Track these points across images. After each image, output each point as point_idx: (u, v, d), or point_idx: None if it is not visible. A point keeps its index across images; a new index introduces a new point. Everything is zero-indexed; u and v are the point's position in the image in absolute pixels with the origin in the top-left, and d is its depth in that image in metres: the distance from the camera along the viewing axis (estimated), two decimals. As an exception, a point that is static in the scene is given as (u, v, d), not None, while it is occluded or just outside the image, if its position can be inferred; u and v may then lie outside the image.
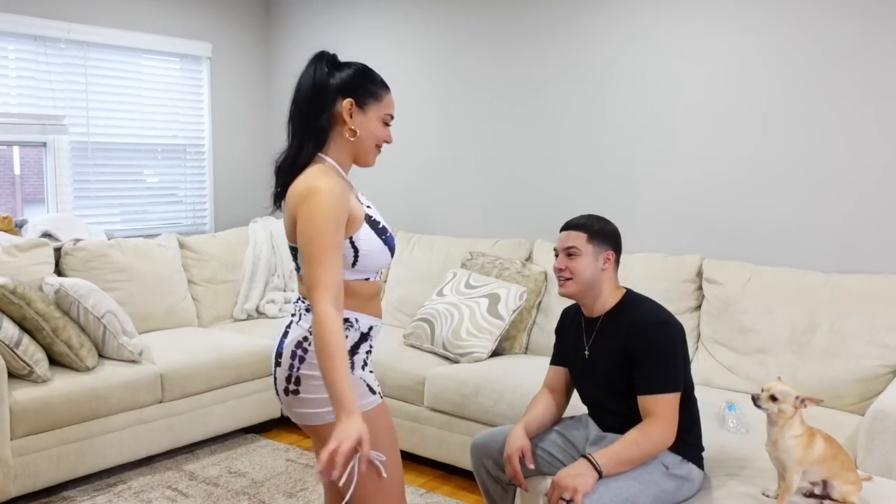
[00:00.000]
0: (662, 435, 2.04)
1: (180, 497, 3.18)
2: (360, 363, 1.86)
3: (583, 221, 2.24)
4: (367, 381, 1.86)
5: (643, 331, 2.10)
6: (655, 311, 2.15)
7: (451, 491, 3.28)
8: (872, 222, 3.15)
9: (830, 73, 3.20)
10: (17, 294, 3.06)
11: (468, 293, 3.62)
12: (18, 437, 2.97)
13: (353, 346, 1.85)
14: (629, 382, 2.12)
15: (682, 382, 2.10)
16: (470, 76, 4.29)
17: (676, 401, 2.07)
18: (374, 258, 1.83)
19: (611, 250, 2.22)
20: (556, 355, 2.42)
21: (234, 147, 5.09)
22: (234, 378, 3.70)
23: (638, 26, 3.68)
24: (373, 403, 1.85)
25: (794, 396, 1.96)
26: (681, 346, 2.12)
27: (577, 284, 2.21)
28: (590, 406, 2.33)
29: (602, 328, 2.22)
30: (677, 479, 2.08)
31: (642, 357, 2.08)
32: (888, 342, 2.85)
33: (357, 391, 1.81)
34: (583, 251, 2.19)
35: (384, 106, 1.89)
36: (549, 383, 2.40)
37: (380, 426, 1.84)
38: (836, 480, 1.98)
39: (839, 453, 2.00)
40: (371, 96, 1.87)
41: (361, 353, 1.87)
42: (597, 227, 2.22)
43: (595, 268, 2.20)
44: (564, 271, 2.22)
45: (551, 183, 4.02)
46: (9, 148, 4.36)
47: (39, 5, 4.09)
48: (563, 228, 2.27)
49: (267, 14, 5.22)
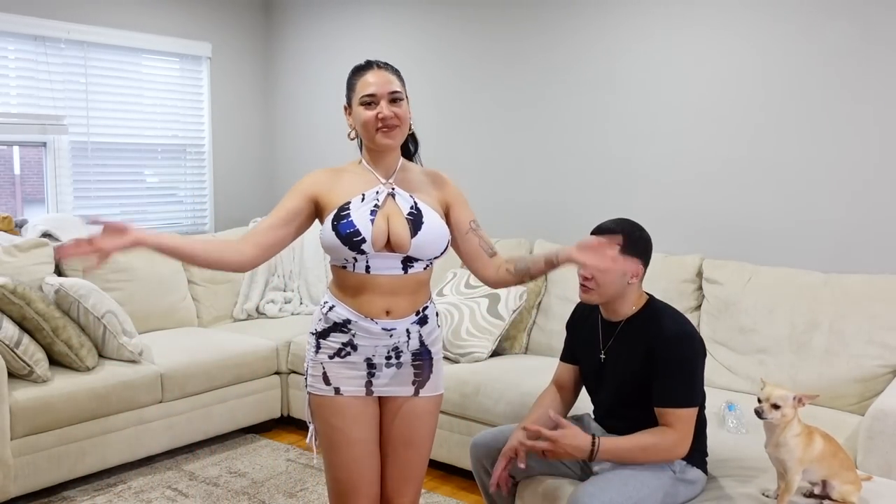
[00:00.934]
0: (675, 449, 2.03)
1: (180, 497, 3.18)
2: (328, 350, 1.94)
3: (618, 230, 2.10)
4: (327, 371, 1.94)
5: (669, 342, 2.06)
6: (681, 322, 2.11)
7: (451, 491, 3.28)
8: (873, 222, 3.15)
9: (830, 73, 3.20)
10: (17, 294, 3.06)
11: (468, 293, 3.62)
12: (18, 437, 2.97)
13: (321, 331, 1.95)
14: (642, 391, 2.09)
15: (701, 397, 2.09)
16: (470, 77, 4.29)
17: (694, 415, 2.06)
18: (327, 244, 1.90)
19: (641, 263, 2.14)
20: (566, 351, 2.38)
21: (234, 147, 5.09)
22: (234, 378, 3.70)
23: (638, 27, 3.67)
24: (319, 391, 1.95)
25: (791, 398, 1.96)
26: (702, 359, 2.10)
27: (601, 296, 2.14)
28: (597, 407, 2.31)
29: (622, 333, 2.17)
30: (684, 483, 2.09)
31: (666, 368, 2.04)
32: (888, 342, 2.85)
33: (313, 372, 1.97)
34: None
35: (358, 91, 1.95)
36: (557, 380, 2.38)
37: (320, 415, 1.97)
38: (836, 480, 1.98)
39: (838, 451, 2.00)
40: (349, 91, 1.99)
41: (331, 343, 1.94)
42: (631, 239, 2.10)
43: (622, 282, 2.12)
44: (591, 281, 2.13)
45: (551, 183, 4.02)
46: (9, 148, 4.36)
47: (39, 5, 4.09)
48: (595, 233, 2.14)
49: (267, 14, 5.22)
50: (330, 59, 4.89)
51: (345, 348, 1.94)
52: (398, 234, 1.90)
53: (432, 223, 1.94)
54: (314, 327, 1.99)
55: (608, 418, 2.24)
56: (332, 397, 1.94)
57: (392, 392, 1.99)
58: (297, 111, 5.10)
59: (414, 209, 1.94)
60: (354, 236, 1.87)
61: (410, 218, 1.92)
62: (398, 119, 1.93)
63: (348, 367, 1.94)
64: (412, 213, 1.93)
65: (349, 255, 1.89)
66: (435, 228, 1.94)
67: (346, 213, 1.88)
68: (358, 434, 1.96)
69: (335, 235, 1.87)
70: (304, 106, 5.08)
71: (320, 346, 1.95)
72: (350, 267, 1.92)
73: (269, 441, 3.81)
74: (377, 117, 1.91)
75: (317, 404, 1.97)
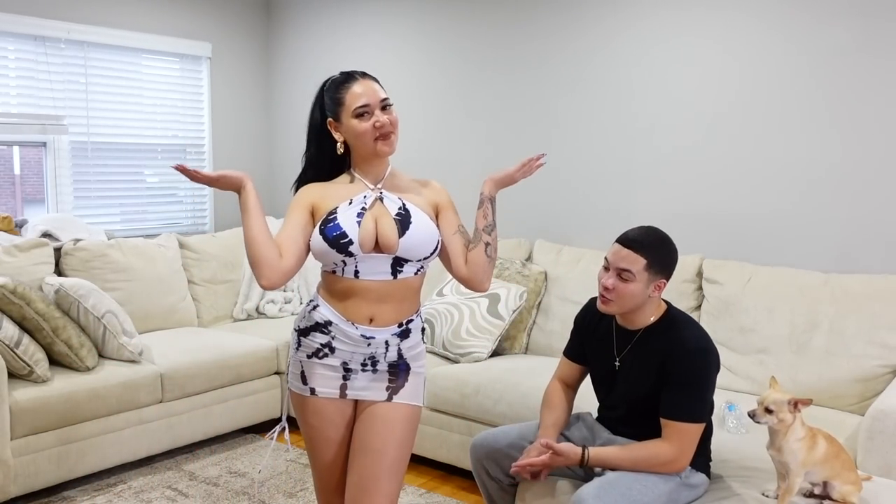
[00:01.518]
0: (671, 463, 2.02)
1: (180, 497, 3.18)
2: (307, 349, 1.95)
3: (644, 242, 2.05)
4: (304, 370, 1.96)
5: (684, 355, 2.03)
6: (699, 335, 2.07)
7: (451, 491, 3.28)
8: (872, 222, 3.15)
9: (830, 73, 3.20)
10: (17, 294, 3.06)
11: (468, 293, 3.62)
12: (18, 437, 2.97)
13: (303, 328, 1.97)
14: (655, 401, 2.08)
15: (709, 411, 2.08)
16: (470, 77, 4.29)
17: (699, 431, 2.04)
18: (316, 249, 1.90)
19: (664, 279, 2.09)
20: (573, 349, 2.35)
21: (234, 147, 5.09)
22: (234, 378, 3.70)
23: (638, 27, 3.67)
24: (295, 389, 1.98)
25: (786, 402, 1.95)
26: (715, 374, 2.08)
27: (620, 307, 2.10)
28: (606, 410, 2.29)
29: (639, 343, 2.15)
30: (687, 487, 2.09)
31: (677, 381, 2.03)
32: (888, 342, 2.85)
33: (293, 369, 1.99)
34: (637, 278, 2.04)
35: (349, 104, 1.93)
36: (562, 376, 2.36)
37: (298, 414, 2.01)
38: (837, 481, 1.98)
39: (840, 452, 2.00)
40: (337, 104, 1.95)
41: (312, 343, 1.95)
42: (658, 255, 2.06)
43: (644, 295, 2.07)
44: (611, 291, 2.07)
45: (551, 183, 4.02)
46: (9, 148, 4.36)
47: (39, 5, 4.09)
48: (622, 243, 2.08)
49: (267, 14, 5.22)
50: (330, 59, 4.89)
51: (323, 349, 1.94)
52: (386, 234, 1.88)
53: (420, 223, 1.92)
54: (297, 324, 2.00)
55: (621, 425, 2.22)
56: (308, 397, 1.96)
57: (366, 396, 1.96)
58: (296, 111, 5.10)
59: (402, 210, 1.93)
60: (341, 238, 1.86)
61: (398, 218, 1.91)
62: (392, 125, 1.94)
63: (325, 367, 1.94)
64: (400, 213, 1.92)
65: (338, 259, 1.88)
66: (424, 228, 1.92)
67: (333, 217, 1.88)
68: (333, 435, 1.97)
69: (322, 239, 1.87)
70: (304, 106, 5.03)
71: (301, 343, 1.96)
72: (339, 272, 1.91)
73: (269, 441, 3.80)
74: (374, 126, 1.90)
75: (295, 402, 2.01)
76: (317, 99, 2.03)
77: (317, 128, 2.01)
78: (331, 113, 1.97)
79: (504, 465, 2.28)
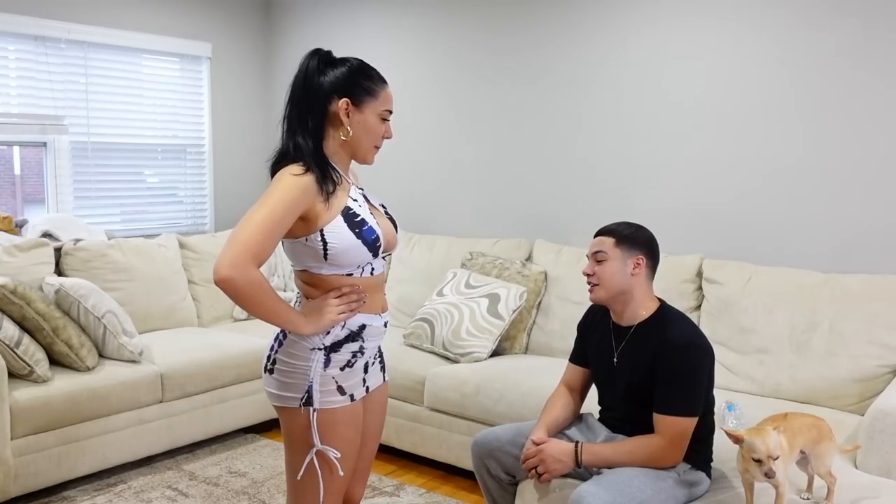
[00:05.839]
0: (663, 457, 2.05)
1: (180, 497, 3.18)
2: (339, 363, 1.81)
3: (612, 227, 2.22)
4: (339, 382, 1.81)
5: (671, 351, 2.07)
6: (687, 331, 2.11)
7: (451, 491, 3.28)
8: (872, 222, 3.15)
9: (830, 73, 3.20)
10: (17, 294, 3.06)
11: (468, 293, 3.62)
12: (18, 437, 2.97)
13: (334, 343, 1.80)
14: (650, 398, 2.11)
15: (703, 405, 2.09)
16: (470, 76, 4.29)
17: (690, 425, 2.06)
18: (347, 252, 1.76)
19: (641, 255, 2.17)
20: (577, 353, 2.39)
21: (234, 147, 5.09)
22: (234, 378, 3.70)
23: (638, 27, 3.68)
24: (336, 404, 1.80)
25: (774, 436, 1.87)
26: (708, 369, 2.10)
27: (606, 290, 2.18)
28: (608, 410, 2.31)
29: (632, 340, 2.19)
30: (686, 486, 2.10)
31: (666, 377, 2.07)
32: (888, 342, 2.85)
33: (323, 388, 1.79)
34: (610, 255, 2.16)
35: (381, 102, 1.83)
36: (568, 381, 2.39)
37: (335, 431, 1.80)
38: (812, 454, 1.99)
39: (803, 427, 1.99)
40: (367, 93, 1.82)
41: (344, 354, 1.82)
42: (626, 232, 2.19)
43: (624, 273, 2.16)
44: (592, 276, 2.19)
45: (551, 183, 4.02)
46: (9, 148, 4.35)
47: (39, 5, 4.09)
48: (595, 235, 2.25)
49: (267, 14, 5.22)
50: (330, 59, 4.88)
51: (355, 356, 1.85)
52: (391, 232, 1.88)
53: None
54: (321, 342, 1.80)
55: (624, 423, 2.24)
56: (350, 406, 1.83)
57: (375, 384, 1.96)
58: (297, 111, 5.10)
59: (384, 206, 1.95)
60: (377, 241, 1.81)
61: (389, 215, 1.94)
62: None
63: (355, 372, 1.86)
64: (384, 209, 1.95)
65: (367, 260, 1.81)
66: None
67: (361, 219, 1.79)
68: (359, 438, 1.89)
69: (362, 243, 1.77)
70: (304, 106, 5.07)
71: (331, 360, 1.80)
72: (358, 273, 1.83)
73: (269, 441, 3.81)
74: (384, 135, 1.88)
75: (328, 419, 1.79)
76: (327, 66, 1.82)
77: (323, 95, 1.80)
78: (350, 94, 1.80)
79: (505, 463, 2.30)
